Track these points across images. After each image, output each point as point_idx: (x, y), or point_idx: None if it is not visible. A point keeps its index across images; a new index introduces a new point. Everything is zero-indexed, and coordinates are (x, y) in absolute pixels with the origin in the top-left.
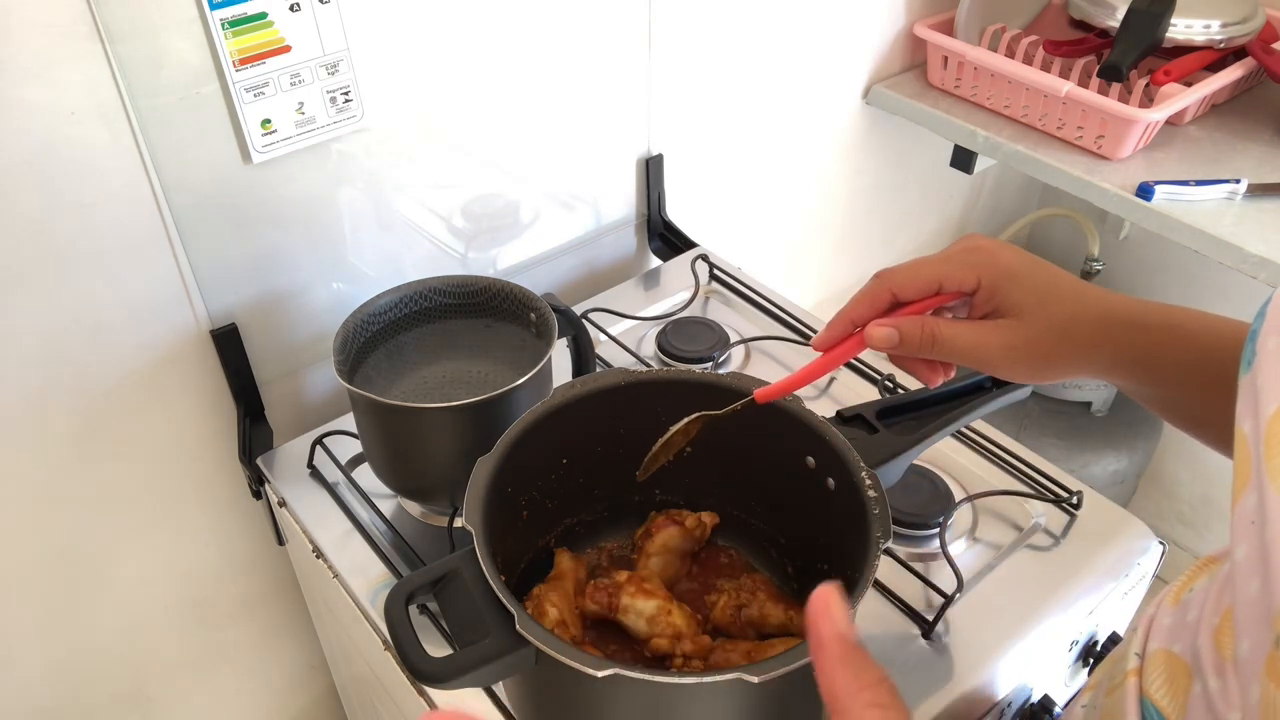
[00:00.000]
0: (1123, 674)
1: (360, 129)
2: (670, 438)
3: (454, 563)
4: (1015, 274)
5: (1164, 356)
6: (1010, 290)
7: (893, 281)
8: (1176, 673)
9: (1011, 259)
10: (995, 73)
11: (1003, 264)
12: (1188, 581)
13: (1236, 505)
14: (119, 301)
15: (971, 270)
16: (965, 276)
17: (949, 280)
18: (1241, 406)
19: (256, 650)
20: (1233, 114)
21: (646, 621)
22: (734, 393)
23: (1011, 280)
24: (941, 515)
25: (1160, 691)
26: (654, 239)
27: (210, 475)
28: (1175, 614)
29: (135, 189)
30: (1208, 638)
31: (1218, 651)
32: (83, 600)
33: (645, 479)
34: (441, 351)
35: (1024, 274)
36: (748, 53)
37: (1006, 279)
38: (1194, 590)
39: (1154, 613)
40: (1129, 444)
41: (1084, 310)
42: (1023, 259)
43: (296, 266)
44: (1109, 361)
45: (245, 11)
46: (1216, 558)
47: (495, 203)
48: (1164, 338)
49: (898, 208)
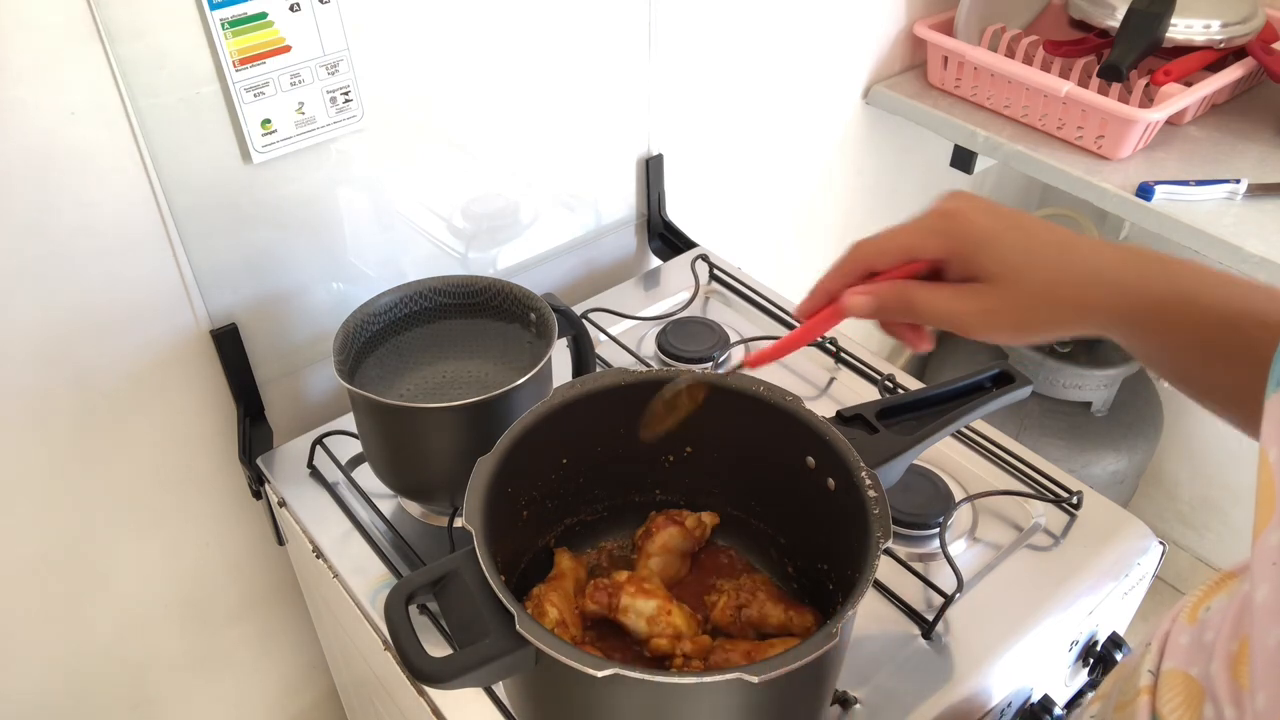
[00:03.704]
0: (1135, 690)
1: (360, 129)
2: (674, 399)
3: (454, 563)
4: (988, 240)
5: (1173, 323)
6: (983, 258)
7: (867, 251)
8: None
9: (984, 224)
10: (995, 73)
11: (975, 231)
12: (1204, 597)
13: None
14: (119, 301)
15: (941, 239)
16: (934, 245)
17: (919, 249)
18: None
19: (256, 650)
20: (1233, 114)
21: (646, 621)
22: (734, 392)
23: (983, 247)
24: (941, 515)
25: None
26: (654, 239)
27: (210, 475)
28: (1192, 633)
29: (135, 189)
30: (1224, 665)
31: (1235, 681)
32: (83, 600)
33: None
34: (441, 351)
35: (998, 238)
36: (748, 53)
37: (978, 247)
38: (1211, 609)
39: (1169, 628)
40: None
41: (1067, 272)
42: (998, 222)
43: (296, 266)
44: (1104, 320)
45: (245, 11)
46: (1235, 573)
47: (495, 203)
48: (1171, 306)
49: (898, 207)
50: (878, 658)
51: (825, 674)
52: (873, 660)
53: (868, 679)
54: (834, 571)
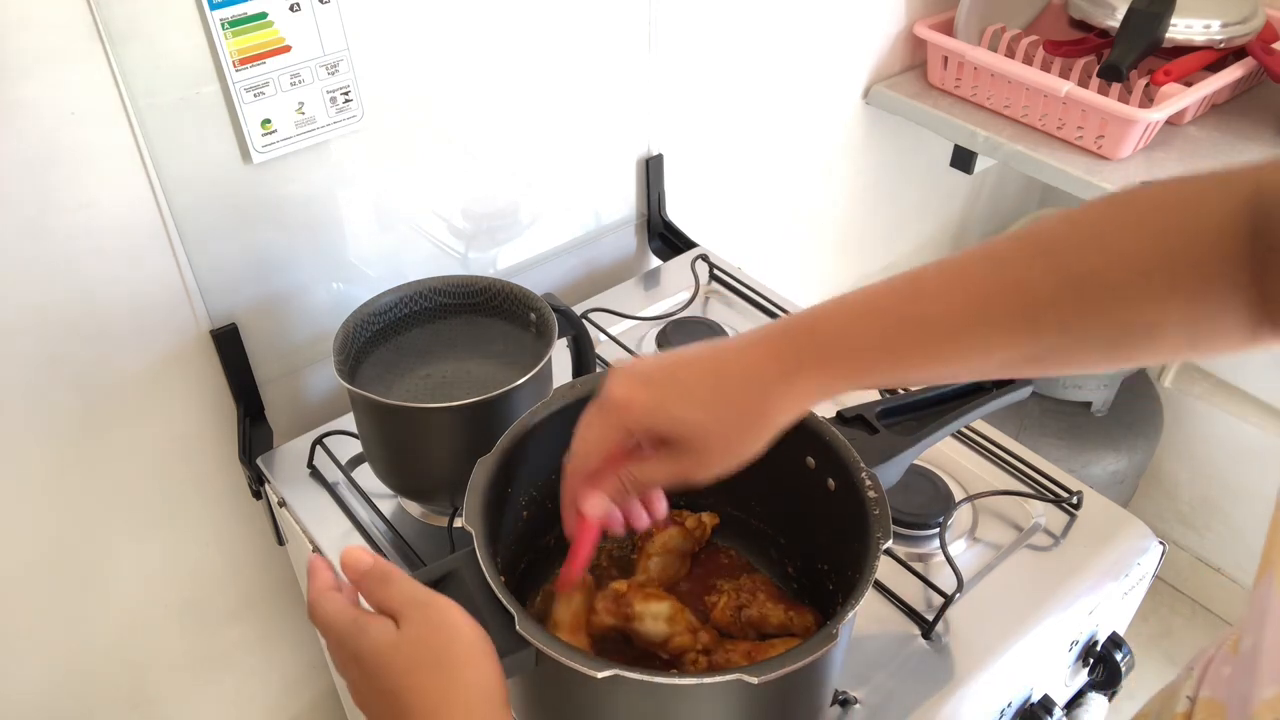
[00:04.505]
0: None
1: (360, 129)
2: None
3: (454, 563)
4: (653, 414)
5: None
6: (661, 430)
7: (576, 466)
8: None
9: (644, 401)
10: (995, 73)
11: (640, 413)
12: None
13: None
14: (119, 301)
15: (619, 431)
16: (617, 437)
17: (611, 442)
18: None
19: (256, 650)
20: (1233, 114)
21: (666, 622)
22: None
23: (656, 422)
24: (941, 515)
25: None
26: (654, 239)
27: (210, 475)
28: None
29: (135, 189)
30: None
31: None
32: (83, 600)
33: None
34: (441, 351)
35: (661, 409)
36: (748, 53)
37: (652, 424)
38: None
39: (1214, 654)
40: (1129, 444)
41: (730, 400)
42: (654, 392)
43: (296, 266)
44: (808, 401)
45: (245, 11)
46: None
47: (495, 203)
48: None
49: (898, 208)
50: (878, 658)
51: (825, 674)
52: (873, 660)
53: (868, 679)
54: (834, 572)
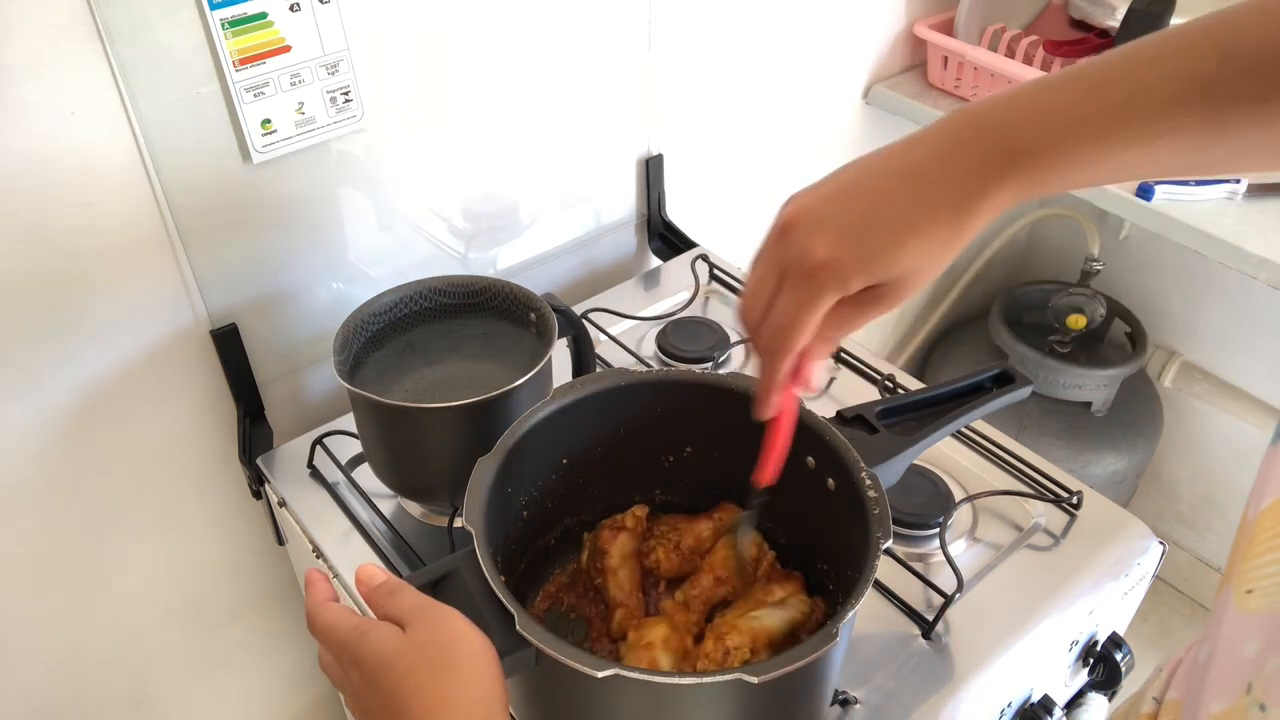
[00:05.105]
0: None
1: (360, 129)
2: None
3: (454, 563)
4: (866, 270)
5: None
6: (876, 280)
7: (783, 345)
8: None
9: (849, 261)
10: (995, 73)
11: (848, 276)
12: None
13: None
14: (119, 301)
15: (830, 295)
16: (829, 303)
17: (823, 312)
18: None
19: (256, 650)
20: None
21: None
22: (733, 392)
23: (868, 277)
24: (941, 515)
25: None
26: (654, 239)
27: (210, 475)
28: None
29: (135, 189)
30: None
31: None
32: (83, 600)
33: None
34: (441, 351)
35: (872, 259)
36: (748, 53)
37: (864, 282)
38: None
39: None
40: (1129, 444)
41: (935, 226)
42: (857, 249)
43: (296, 266)
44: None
45: (245, 11)
46: None
47: (495, 203)
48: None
49: None
50: (878, 658)
51: (825, 674)
52: (873, 660)
53: (868, 679)
54: (834, 571)
